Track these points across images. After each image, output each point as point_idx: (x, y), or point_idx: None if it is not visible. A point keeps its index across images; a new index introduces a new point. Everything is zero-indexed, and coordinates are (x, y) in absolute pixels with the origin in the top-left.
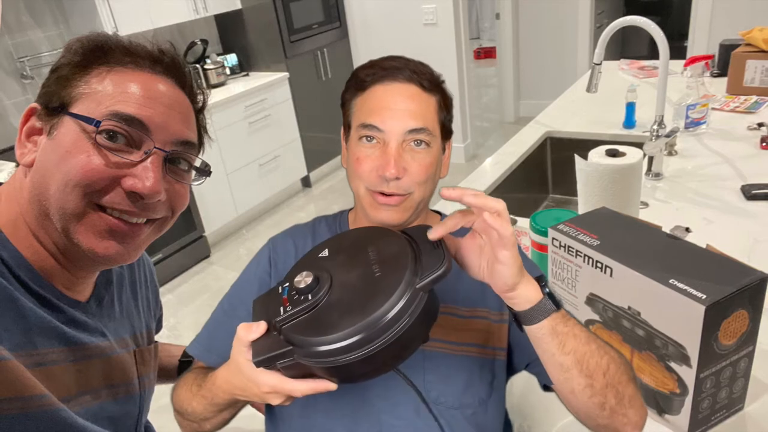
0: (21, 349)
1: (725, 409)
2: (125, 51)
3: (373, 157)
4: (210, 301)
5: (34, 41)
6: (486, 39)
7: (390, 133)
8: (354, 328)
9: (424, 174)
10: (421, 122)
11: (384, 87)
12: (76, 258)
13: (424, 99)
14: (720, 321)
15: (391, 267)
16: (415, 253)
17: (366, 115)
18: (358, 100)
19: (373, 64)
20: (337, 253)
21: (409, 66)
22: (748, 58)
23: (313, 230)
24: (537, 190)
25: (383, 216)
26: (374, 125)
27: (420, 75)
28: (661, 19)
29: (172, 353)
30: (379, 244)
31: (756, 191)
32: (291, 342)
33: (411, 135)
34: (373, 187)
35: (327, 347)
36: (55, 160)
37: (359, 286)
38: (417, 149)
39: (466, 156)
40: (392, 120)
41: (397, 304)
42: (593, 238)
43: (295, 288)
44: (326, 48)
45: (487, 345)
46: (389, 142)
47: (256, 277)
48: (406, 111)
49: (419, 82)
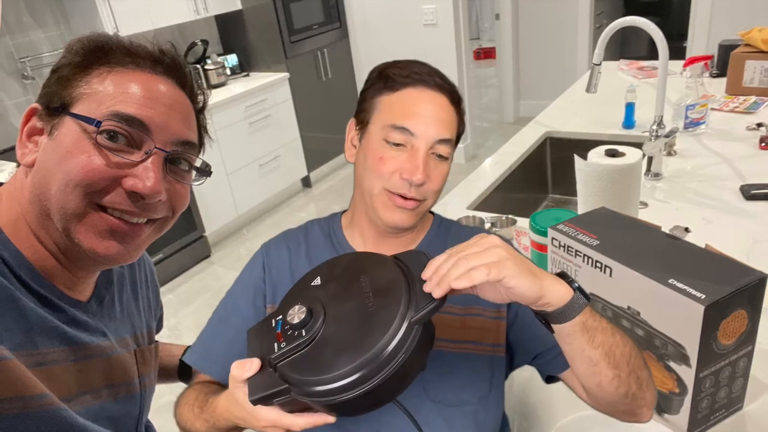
0: (22, 348)
1: (724, 408)
2: (126, 51)
3: (399, 160)
4: (210, 300)
5: (35, 42)
6: (486, 39)
7: (421, 139)
8: (351, 367)
9: (442, 183)
10: (449, 133)
11: (417, 91)
12: (76, 258)
13: (451, 111)
14: (719, 321)
15: (386, 300)
16: (408, 284)
17: (397, 117)
18: (385, 98)
19: (402, 65)
20: (329, 281)
21: (438, 76)
22: (748, 59)
23: (306, 234)
24: (537, 190)
25: (396, 218)
26: (407, 128)
27: (448, 88)
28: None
29: (173, 353)
30: (372, 272)
31: (755, 191)
32: (287, 380)
33: (439, 145)
34: (393, 188)
35: (324, 387)
36: (56, 160)
37: (353, 320)
38: (438, 163)
39: (466, 156)
40: (425, 126)
41: (392, 340)
42: (593, 238)
43: (288, 323)
44: (326, 48)
45: (483, 342)
46: (419, 147)
47: (251, 284)
48: (438, 120)
49: (449, 93)
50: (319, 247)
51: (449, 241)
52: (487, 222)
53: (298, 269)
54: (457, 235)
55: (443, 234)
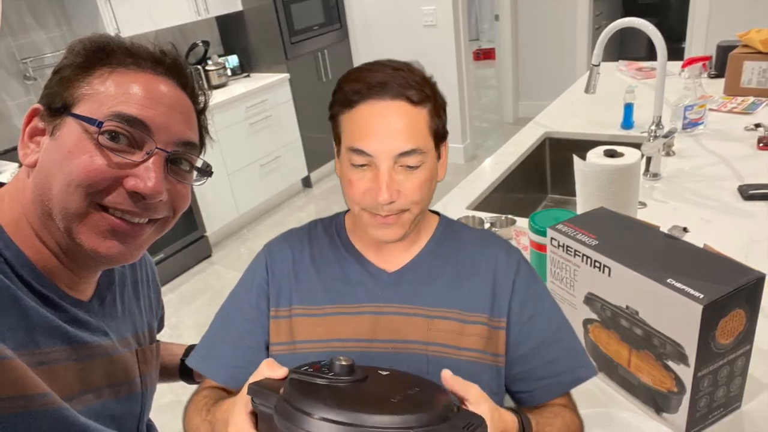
0: (24, 348)
1: (722, 407)
2: (127, 52)
3: (365, 180)
4: (211, 300)
5: (36, 43)
6: (485, 40)
7: (379, 158)
8: (340, 415)
9: (418, 193)
10: (412, 143)
11: (370, 106)
12: (78, 258)
13: (413, 115)
14: (717, 320)
15: (417, 407)
16: (444, 418)
17: (354, 139)
18: (345, 117)
19: (358, 77)
20: (388, 382)
21: (396, 79)
22: (746, 60)
23: (309, 234)
24: (536, 191)
25: (381, 234)
26: (362, 150)
27: (408, 88)
28: (659, 21)
29: (174, 352)
30: (424, 388)
31: (753, 191)
32: (285, 392)
33: (403, 157)
34: (369, 208)
35: (305, 416)
36: (58, 161)
37: (378, 394)
38: (409, 172)
39: (466, 156)
40: (381, 144)
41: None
42: (592, 237)
43: (330, 362)
44: (327, 49)
45: (486, 351)
46: (380, 166)
47: (254, 286)
48: (395, 132)
49: (407, 97)
50: (323, 248)
51: (464, 246)
52: (486, 222)
53: (302, 270)
54: (468, 240)
55: (451, 239)
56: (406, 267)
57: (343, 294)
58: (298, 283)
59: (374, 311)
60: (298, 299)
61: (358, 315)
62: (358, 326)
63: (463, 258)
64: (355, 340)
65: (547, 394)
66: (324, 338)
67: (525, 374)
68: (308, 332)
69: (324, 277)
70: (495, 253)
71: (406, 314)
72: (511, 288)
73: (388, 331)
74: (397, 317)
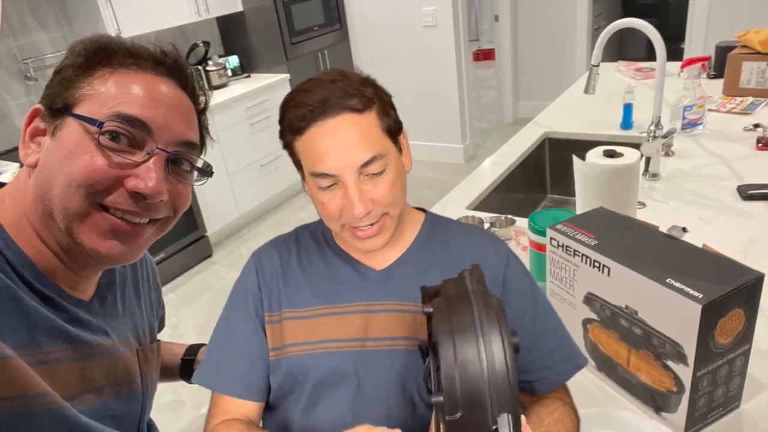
0: (25, 347)
1: (721, 407)
2: (128, 53)
3: (337, 199)
4: (212, 300)
5: (37, 43)
6: (485, 41)
7: (343, 175)
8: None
9: (390, 195)
10: (371, 150)
11: (318, 128)
12: (79, 257)
13: (362, 123)
14: (716, 320)
15: None
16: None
17: (313, 164)
18: (297, 143)
19: (299, 102)
20: None
21: (334, 93)
22: (745, 60)
23: (297, 239)
24: (535, 191)
25: (368, 246)
26: (324, 173)
27: (349, 98)
28: (658, 22)
29: (175, 352)
30: None
31: (752, 191)
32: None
33: (364, 168)
34: (349, 223)
35: None
36: (59, 161)
37: None
38: (376, 179)
39: (466, 157)
40: (340, 161)
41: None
42: (591, 237)
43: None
44: (327, 50)
45: None
46: (346, 182)
47: (248, 294)
48: (350, 146)
49: (350, 107)
50: (311, 252)
51: (452, 240)
52: (486, 222)
53: (291, 275)
54: (455, 234)
55: (438, 234)
56: (394, 264)
57: (333, 294)
58: (287, 287)
59: (365, 310)
60: (288, 303)
61: (349, 315)
62: (349, 326)
63: (451, 252)
64: (348, 340)
65: (549, 384)
66: (315, 340)
67: (526, 365)
68: (298, 335)
69: (312, 279)
70: (484, 247)
71: (398, 311)
72: (502, 280)
73: (380, 329)
74: (388, 314)
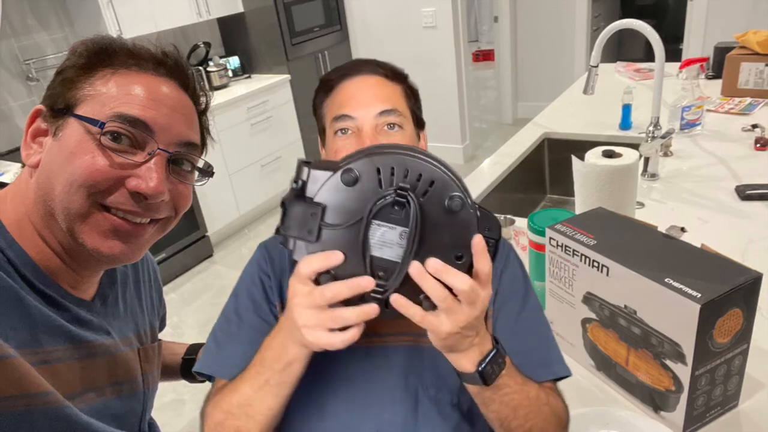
0: (27, 347)
1: (720, 406)
2: (129, 53)
3: (350, 146)
4: (212, 300)
5: (39, 44)
6: (484, 42)
7: (362, 119)
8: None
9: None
10: (390, 104)
11: (349, 81)
12: (80, 257)
13: (389, 86)
14: (715, 319)
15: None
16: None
17: (336, 109)
18: (327, 101)
19: (338, 68)
20: None
21: (368, 64)
22: (743, 61)
23: None
24: (535, 191)
25: None
26: (345, 114)
27: (383, 67)
28: (656, 22)
29: (176, 351)
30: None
31: (750, 192)
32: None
33: (382, 117)
34: None
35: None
36: (60, 161)
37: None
38: (391, 132)
39: (465, 157)
40: (361, 106)
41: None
42: (590, 237)
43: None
44: (327, 50)
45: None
46: (362, 127)
47: (256, 280)
48: (374, 96)
49: (383, 73)
50: None
51: None
52: None
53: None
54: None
55: None
56: None
57: None
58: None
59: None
60: None
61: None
62: None
63: None
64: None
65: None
66: None
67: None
68: None
69: None
70: None
71: None
72: (500, 274)
73: (386, 325)
74: None
